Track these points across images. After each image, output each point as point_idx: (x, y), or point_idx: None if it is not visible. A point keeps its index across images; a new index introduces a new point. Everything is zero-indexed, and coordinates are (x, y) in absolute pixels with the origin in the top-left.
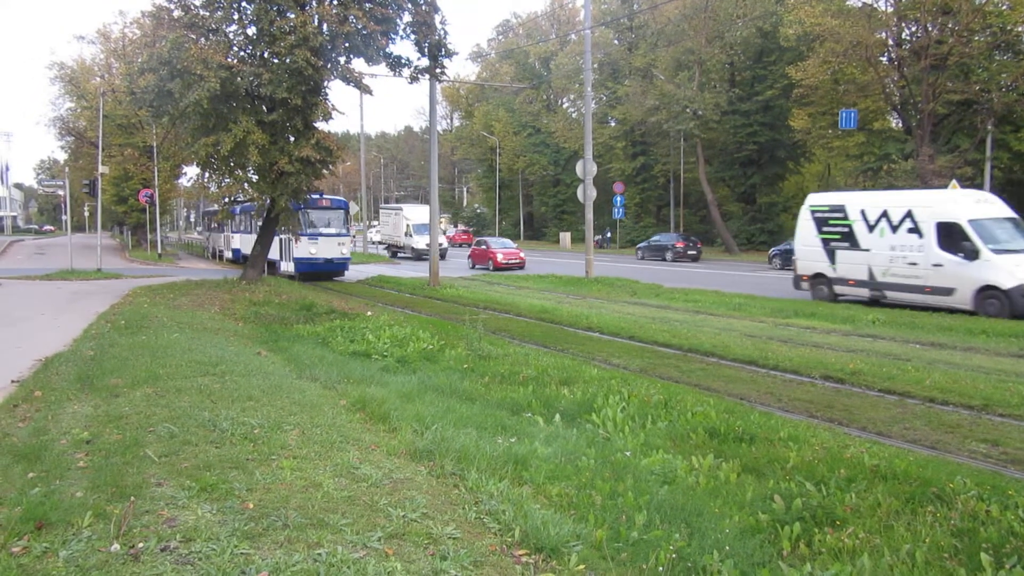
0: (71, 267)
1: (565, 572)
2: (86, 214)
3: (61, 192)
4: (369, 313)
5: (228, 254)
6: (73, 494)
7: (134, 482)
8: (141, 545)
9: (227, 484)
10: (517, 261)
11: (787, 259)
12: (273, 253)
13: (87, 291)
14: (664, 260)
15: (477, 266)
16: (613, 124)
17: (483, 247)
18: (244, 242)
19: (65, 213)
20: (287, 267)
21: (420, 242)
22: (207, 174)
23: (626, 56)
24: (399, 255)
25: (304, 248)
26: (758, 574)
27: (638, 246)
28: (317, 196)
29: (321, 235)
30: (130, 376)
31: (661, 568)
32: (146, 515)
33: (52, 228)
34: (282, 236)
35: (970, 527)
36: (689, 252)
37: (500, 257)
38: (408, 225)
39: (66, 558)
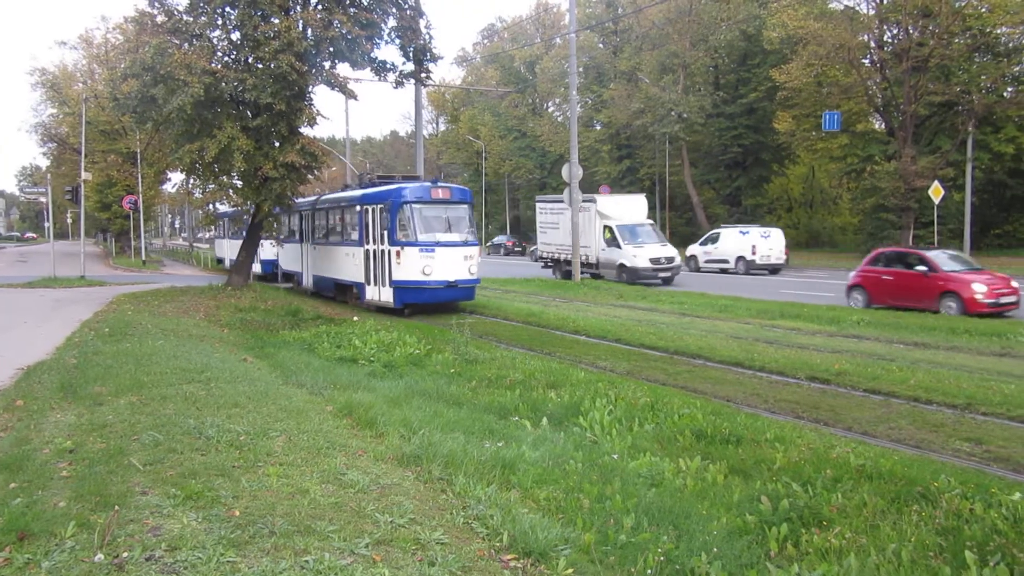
0: (54, 274)
1: None
2: (69, 221)
3: (43, 199)
4: (355, 318)
5: (256, 267)
6: (56, 504)
7: (118, 491)
8: (126, 555)
9: (213, 492)
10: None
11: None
12: (348, 272)
13: (70, 299)
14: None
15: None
16: (598, 127)
17: None
18: (285, 257)
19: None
20: (376, 294)
21: (639, 256)
22: (191, 180)
23: (611, 60)
24: (576, 273)
25: (412, 265)
26: (746, 575)
27: None
28: (430, 183)
29: (440, 245)
30: (114, 384)
31: (649, 571)
32: (131, 524)
33: (34, 235)
34: (372, 247)
35: (954, 525)
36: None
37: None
38: (610, 228)
39: (49, 569)
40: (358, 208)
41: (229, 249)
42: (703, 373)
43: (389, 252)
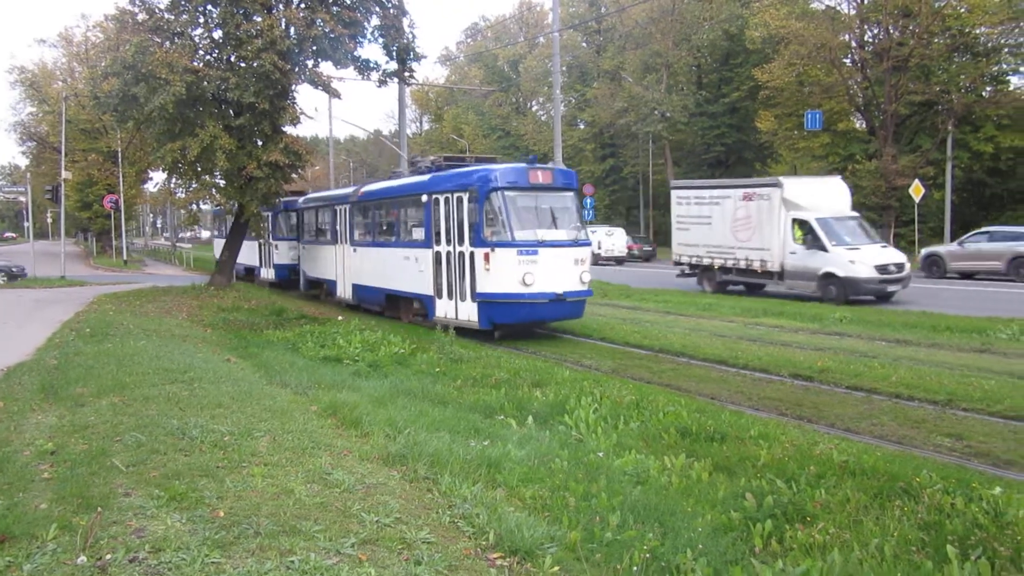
0: (34, 274)
1: (540, 574)
2: (49, 220)
3: (23, 198)
4: (340, 318)
5: (268, 273)
6: (37, 506)
7: (101, 493)
8: (109, 557)
9: (197, 493)
10: None
11: None
12: (408, 281)
13: (50, 299)
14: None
15: None
16: (582, 127)
17: None
18: (311, 261)
19: (27, 220)
20: (450, 310)
21: (859, 261)
22: (174, 179)
23: (594, 59)
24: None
25: (507, 272)
26: (731, 572)
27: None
28: (525, 165)
29: (544, 245)
30: (96, 385)
31: (635, 568)
32: (113, 526)
33: (13, 235)
34: (445, 249)
35: (936, 520)
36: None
37: None
38: (805, 223)
39: (30, 572)
40: (424, 199)
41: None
42: (687, 371)
43: (473, 256)
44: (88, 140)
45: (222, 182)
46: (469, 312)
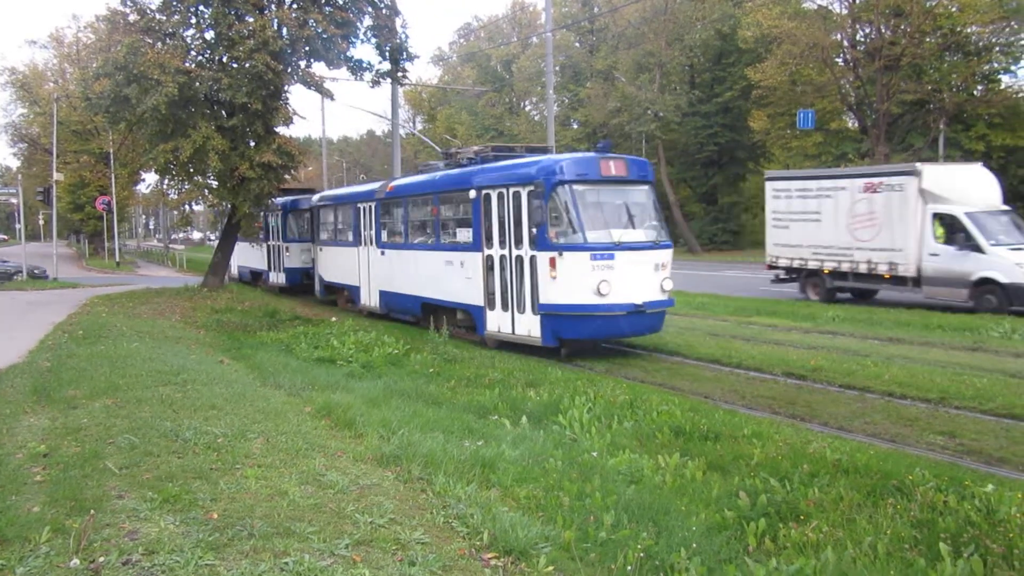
0: (55, 276)
1: (534, 574)
2: (41, 222)
3: (14, 200)
4: (333, 319)
5: (278, 277)
6: (30, 509)
7: (94, 495)
8: (102, 559)
9: (190, 494)
10: None
11: None
12: (452, 289)
13: (43, 301)
14: None
15: None
16: (576, 126)
17: None
18: (328, 265)
19: (19, 222)
20: (504, 324)
21: None
22: (166, 181)
23: (587, 59)
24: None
25: (578, 280)
26: (725, 570)
27: None
28: (595, 154)
29: (621, 248)
30: (88, 387)
31: (629, 567)
32: (107, 528)
33: (4, 237)
34: (498, 253)
35: (929, 518)
36: None
37: None
38: (951, 219)
39: (23, 575)
40: (472, 195)
41: (238, 255)
42: (681, 370)
43: (535, 260)
44: (80, 141)
45: (214, 183)
46: (529, 326)
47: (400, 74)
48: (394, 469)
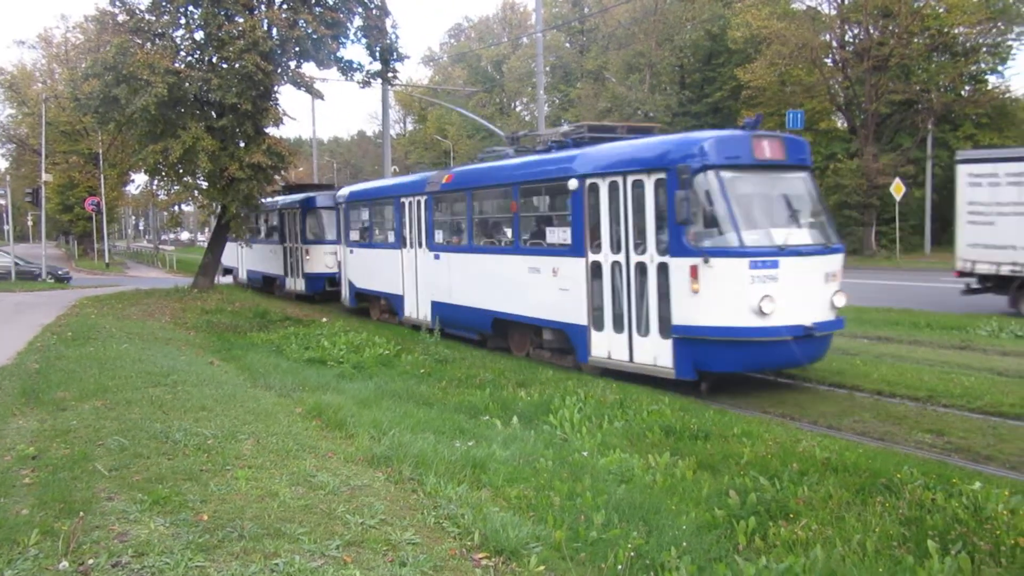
0: (13, 278)
1: (525, 574)
2: (29, 223)
3: (2, 201)
4: (324, 319)
5: (296, 283)
6: (18, 511)
7: (83, 497)
8: (91, 562)
9: (180, 496)
10: None
11: None
12: (538, 304)
13: (31, 302)
14: None
15: None
16: (566, 127)
17: None
18: (360, 270)
19: (7, 223)
20: (618, 349)
21: None
22: (156, 181)
23: (578, 59)
24: None
25: (733, 295)
26: (715, 569)
27: None
28: (746, 131)
29: (786, 254)
30: (78, 389)
31: (620, 566)
32: (96, 531)
33: None
34: (609, 258)
35: (917, 515)
36: None
37: None
38: None
39: None
40: (572, 185)
41: (248, 258)
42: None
43: (667, 269)
44: (69, 142)
45: (204, 184)
46: (655, 353)
47: (391, 74)
48: (385, 470)
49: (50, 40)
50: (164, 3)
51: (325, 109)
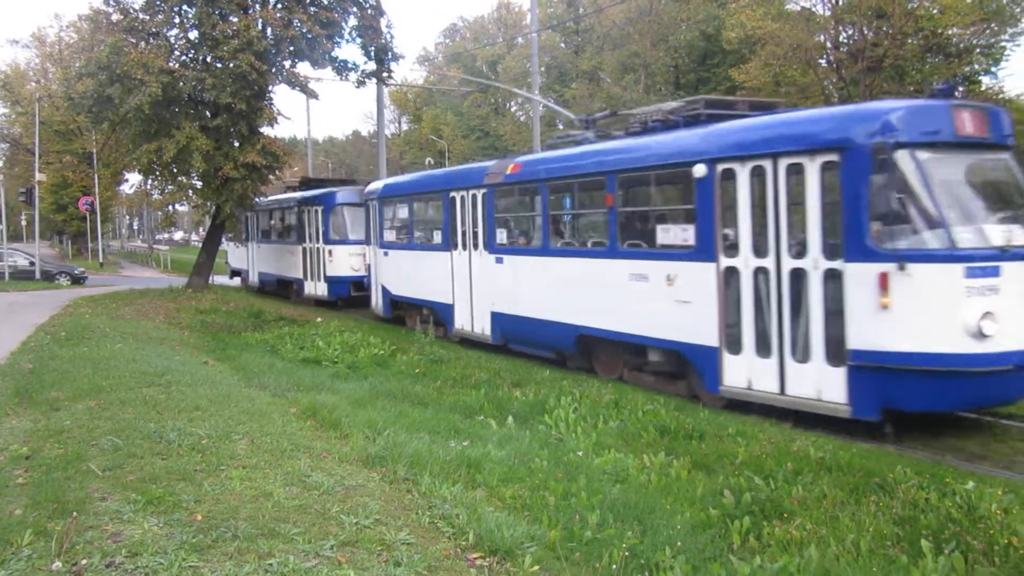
0: (7, 278)
1: (520, 573)
2: (23, 223)
3: None
4: (319, 319)
5: (317, 288)
6: (11, 512)
7: (77, 497)
8: (84, 562)
9: (174, 496)
10: None
11: None
12: (659, 323)
13: (25, 302)
14: None
15: None
16: (561, 127)
17: None
18: (394, 274)
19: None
20: (764, 378)
21: None
22: (150, 181)
23: (573, 59)
24: None
25: (939, 311)
26: (709, 568)
27: None
28: (943, 101)
29: (1009, 258)
30: (71, 389)
31: (615, 566)
32: (90, 531)
33: None
34: (758, 262)
35: (911, 515)
36: None
37: None
38: None
39: None
40: (699, 172)
41: (260, 259)
42: None
43: (842, 276)
44: (62, 141)
45: (198, 183)
46: (820, 383)
47: (385, 74)
48: (380, 470)
49: (44, 39)
50: (158, 2)
51: (320, 109)
